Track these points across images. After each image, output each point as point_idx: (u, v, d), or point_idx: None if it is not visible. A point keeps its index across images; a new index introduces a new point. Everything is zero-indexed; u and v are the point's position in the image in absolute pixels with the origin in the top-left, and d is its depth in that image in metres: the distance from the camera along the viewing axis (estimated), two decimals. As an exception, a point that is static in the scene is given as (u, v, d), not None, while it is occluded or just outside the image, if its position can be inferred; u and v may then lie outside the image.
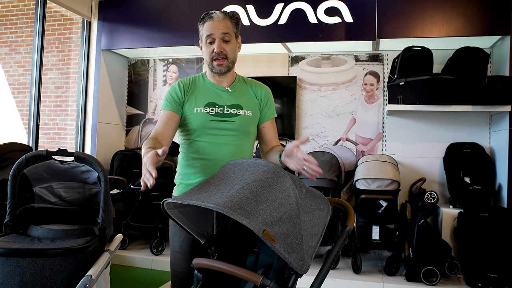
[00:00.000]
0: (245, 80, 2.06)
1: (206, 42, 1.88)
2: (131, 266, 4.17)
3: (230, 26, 1.89)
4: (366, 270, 3.84)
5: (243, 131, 1.94)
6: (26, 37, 6.50)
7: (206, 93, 1.94)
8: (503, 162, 3.82)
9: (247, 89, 2.02)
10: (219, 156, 1.88)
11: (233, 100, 1.95)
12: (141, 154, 1.66)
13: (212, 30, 1.86)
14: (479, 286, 3.40)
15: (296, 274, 1.40)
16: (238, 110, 1.93)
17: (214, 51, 1.86)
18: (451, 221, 3.77)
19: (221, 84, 1.97)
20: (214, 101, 1.92)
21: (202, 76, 2.02)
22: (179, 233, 1.92)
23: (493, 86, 3.68)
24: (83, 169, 2.29)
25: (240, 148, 1.93)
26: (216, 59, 1.88)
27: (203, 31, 1.89)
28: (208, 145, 1.90)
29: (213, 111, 1.90)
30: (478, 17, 3.85)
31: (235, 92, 1.98)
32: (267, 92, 2.05)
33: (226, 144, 1.90)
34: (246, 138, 1.96)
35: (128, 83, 5.42)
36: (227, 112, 1.91)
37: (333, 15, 4.16)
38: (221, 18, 1.87)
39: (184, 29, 4.57)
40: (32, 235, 2.12)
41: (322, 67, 4.71)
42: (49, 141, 6.33)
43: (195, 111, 1.90)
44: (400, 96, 3.93)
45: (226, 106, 1.92)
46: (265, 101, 2.03)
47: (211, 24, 1.86)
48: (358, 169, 4.01)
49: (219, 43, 1.86)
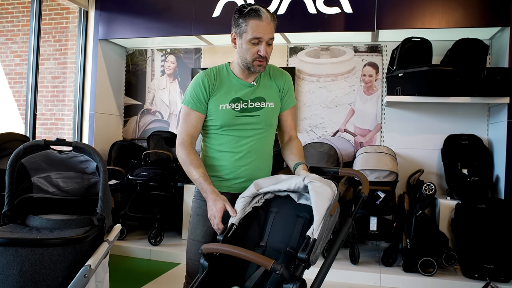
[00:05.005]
0: (269, 69, 2.03)
1: (249, 42, 1.82)
2: (129, 257, 4.18)
3: (274, 29, 1.87)
4: (363, 261, 3.86)
5: (267, 123, 1.96)
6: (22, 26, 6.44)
7: (230, 88, 1.93)
8: (501, 154, 3.82)
9: (271, 81, 2.01)
10: (246, 148, 1.92)
11: (257, 93, 1.95)
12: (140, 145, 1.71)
13: (262, 34, 1.81)
14: (476, 277, 3.43)
15: (306, 264, 1.46)
16: (261, 103, 1.94)
17: (258, 53, 1.83)
18: (449, 212, 3.79)
19: (247, 78, 1.96)
20: (239, 96, 1.92)
21: (227, 69, 1.98)
22: (203, 223, 1.93)
23: (492, 78, 3.67)
24: (82, 159, 2.27)
25: (264, 140, 1.97)
26: (258, 60, 1.85)
27: (249, 30, 1.81)
28: (234, 138, 1.92)
29: (238, 107, 1.91)
30: (478, 8, 3.83)
31: (259, 85, 1.97)
32: (287, 80, 2.04)
33: (252, 137, 1.93)
34: (270, 129, 2.00)
35: (125, 73, 5.39)
36: (251, 106, 1.92)
37: (332, 5, 4.13)
38: (269, 20, 1.82)
39: (182, 19, 4.53)
40: (30, 225, 2.11)
41: (321, 58, 4.69)
42: (46, 132, 6.31)
43: (220, 108, 1.90)
44: (399, 88, 3.92)
45: (250, 100, 1.93)
46: (286, 89, 2.03)
47: (260, 25, 1.80)
48: (357, 160, 4.02)
49: (265, 47, 1.83)
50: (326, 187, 1.59)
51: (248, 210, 1.74)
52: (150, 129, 5.19)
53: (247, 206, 1.74)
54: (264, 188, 1.74)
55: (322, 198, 1.55)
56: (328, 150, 4.21)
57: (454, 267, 3.67)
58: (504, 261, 3.41)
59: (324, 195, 1.56)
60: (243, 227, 1.72)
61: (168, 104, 5.21)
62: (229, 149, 1.92)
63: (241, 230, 1.71)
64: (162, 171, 4.42)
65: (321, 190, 1.58)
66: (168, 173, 4.46)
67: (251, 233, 1.75)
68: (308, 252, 1.45)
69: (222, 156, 1.94)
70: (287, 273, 1.36)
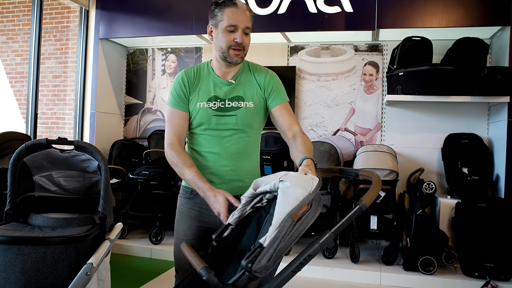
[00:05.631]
0: (250, 67, 1.98)
1: (225, 29, 1.80)
2: (130, 255, 4.19)
3: (250, 19, 1.85)
4: (364, 260, 3.87)
5: (245, 123, 1.88)
6: (23, 25, 6.46)
7: (209, 86, 1.90)
8: (501, 152, 3.83)
9: (251, 78, 1.94)
10: (223, 148, 1.86)
11: (235, 92, 1.89)
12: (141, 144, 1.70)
13: (237, 21, 1.79)
14: (476, 276, 3.43)
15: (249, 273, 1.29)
16: (239, 103, 1.88)
17: (235, 41, 1.80)
18: (449, 211, 3.79)
19: (226, 75, 1.91)
20: (216, 95, 1.88)
21: (207, 67, 1.95)
22: (184, 220, 1.91)
23: (492, 77, 3.68)
24: (83, 157, 2.29)
25: (244, 141, 1.89)
26: (234, 49, 1.81)
27: (225, 18, 1.79)
28: (212, 138, 1.87)
29: (215, 106, 1.86)
30: (478, 8, 3.83)
31: (239, 83, 1.91)
32: (270, 78, 1.96)
33: (230, 137, 1.86)
34: (249, 130, 1.90)
35: (126, 72, 5.40)
36: (228, 105, 1.86)
37: (332, 4, 4.14)
38: (244, 9, 1.82)
39: (183, 18, 4.54)
40: (32, 223, 2.12)
41: (321, 57, 4.70)
42: (47, 131, 6.32)
43: (198, 106, 1.87)
44: (400, 87, 3.93)
45: (227, 99, 1.87)
46: (270, 87, 1.93)
47: (236, 13, 1.79)
48: (357, 159, 4.02)
49: (241, 35, 1.80)
50: (296, 187, 1.38)
51: (249, 211, 1.64)
52: (151, 128, 5.20)
53: (247, 206, 1.63)
54: (259, 188, 1.61)
55: (285, 201, 1.36)
56: (328, 149, 4.21)
57: (454, 265, 3.67)
58: (504, 260, 3.42)
59: (290, 197, 1.36)
60: (240, 226, 1.66)
61: (168, 103, 5.21)
62: (206, 149, 1.88)
63: (238, 230, 1.66)
64: (163, 170, 4.43)
65: (289, 191, 1.38)
66: (169, 172, 4.47)
67: (249, 233, 1.69)
68: (252, 260, 1.28)
69: (199, 156, 1.89)
70: (213, 280, 1.28)
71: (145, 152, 4.65)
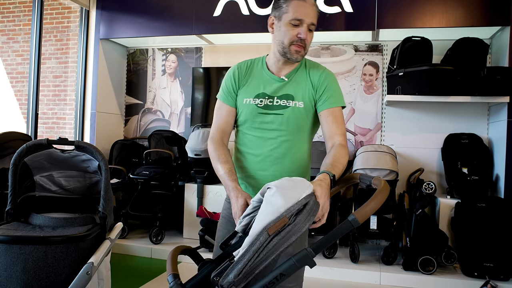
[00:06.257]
0: (307, 65, 1.82)
1: (289, 23, 1.67)
2: (130, 255, 4.20)
3: (317, 15, 1.71)
4: (363, 260, 3.87)
5: (292, 125, 1.73)
6: (24, 25, 6.47)
7: (259, 82, 1.79)
8: (500, 153, 3.84)
9: (305, 77, 1.78)
10: (266, 151, 1.73)
11: (286, 89, 1.76)
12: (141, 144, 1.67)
13: (304, 15, 1.66)
14: (475, 275, 3.44)
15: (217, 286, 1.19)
16: (288, 102, 1.74)
17: (298, 36, 1.67)
18: (449, 211, 3.80)
19: (280, 72, 1.79)
20: (265, 92, 1.76)
21: (262, 62, 1.85)
22: (225, 225, 1.80)
23: (492, 77, 3.68)
24: (84, 158, 2.30)
25: (289, 144, 1.74)
26: (296, 44, 1.68)
27: (290, 10, 1.67)
28: (255, 139, 1.76)
29: (262, 103, 1.75)
30: (478, 8, 3.84)
31: (292, 81, 1.77)
32: (325, 77, 1.77)
33: (274, 139, 1.73)
34: (297, 133, 1.76)
35: (127, 72, 5.41)
36: (276, 103, 1.74)
37: (333, 4, 4.14)
38: (312, 3, 1.69)
39: (183, 18, 4.55)
40: (33, 223, 2.13)
41: (321, 57, 4.70)
42: (48, 131, 6.33)
43: (244, 102, 1.77)
44: (399, 87, 3.94)
45: (276, 97, 1.75)
46: (322, 87, 1.75)
47: (303, 6, 1.67)
48: (357, 160, 4.03)
49: (306, 30, 1.67)
50: (278, 197, 1.21)
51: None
52: (151, 128, 5.21)
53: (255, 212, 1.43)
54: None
55: (266, 211, 1.22)
56: (328, 149, 4.22)
57: (454, 265, 3.68)
58: (504, 259, 3.42)
59: (270, 207, 1.21)
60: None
61: (169, 103, 5.22)
62: (249, 150, 1.77)
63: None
64: (163, 170, 4.44)
65: (271, 200, 1.23)
66: (169, 172, 4.48)
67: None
68: (219, 273, 1.20)
69: (242, 157, 1.79)
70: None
71: (145, 152, 4.66)
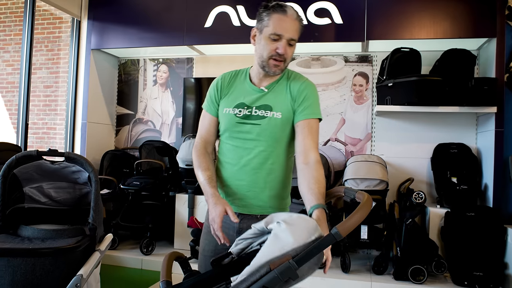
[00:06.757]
0: (289, 76, 1.82)
1: (269, 37, 1.67)
2: (121, 266, 4.17)
3: (298, 30, 1.72)
4: (354, 269, 3.88)
5: (269, 135, 1.72)
6: (14, 35, 6.45)
7: (240, 92, 1.80)
8: (489, 162, 3.88)
9: (285, 87, 1.78)
10: (242, 161, 1.73)
11: (264, 100, 1.75)
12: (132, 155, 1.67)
13: (284, 31, 1.66)
14: (465, 284, 3.46)
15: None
16: (266, 112, 1.73)
17: (276, 50, 1.68)
18: (438, 220, 3.83)
19: (261, 83, 1.79)
20: (244, 102, 1.76)
21: (245, 73, 1.86)
22: (206, 236, 1.79)
23: (480, 88, 3.73)
24: (74, 169, 2.29)
25: (266, 155, 1.72)
26: (275, 59, 1.69)
27: (271, 24, 1.67)
28: (233, 148, 1.76)
29: (241, 113, 1.74)
30: (465, 20, 3.91)
31: (271, 91, 1.77)
32: (304, 88, 1.76)
33: (251, 149, 1.73)
34: (274, 144, 1.74)
35: (118, 82, 5.41)
36: (254, 113, 1.73)
37: (323, 16, 4.19)
38: (294, 18, 1.69)
39: (174, 29, 4.57)
40: (22, 235, 2.12)
41: (312, 68, 4.75)
42: (38, 141, 6.29)
43: (224, 112, 1.78)
44: (389, 97, 3.97)
45: (255, 107, 1.74)
46: (301, 98, 1.74)
47: (284, 21, 1.66)
48: (347, 169, 4.05)
49: (284, 45, 1.67)
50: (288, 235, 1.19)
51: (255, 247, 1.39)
52: (142, 138, 5.20)
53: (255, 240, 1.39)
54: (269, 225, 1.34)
55: (272, 245, 1.20)
56: (319, 159, 4.23)
57: (444, 274, 3.70)
58: (493, 268, 3.45)
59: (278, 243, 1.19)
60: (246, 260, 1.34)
61: (160, 114, 5.23)
62: (228, 159, 1.77)
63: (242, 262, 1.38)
64: (154, 180, 4.43)
65: (280, 235, 1.21)
66: (160, 182, 4.47)
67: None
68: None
69: (221, 167, 1.80)
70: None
71: (136, 162, 4.64)
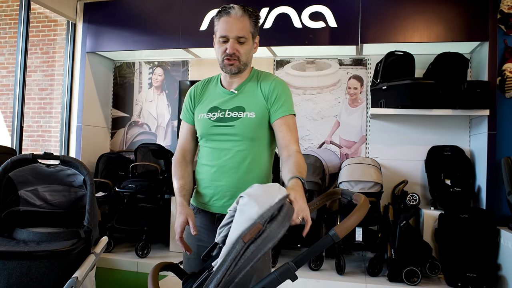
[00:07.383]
0: (258, 76, 1.86)
1: (219, 40, 1.74)
2: (116, 269, 4.17)
3: (248, 25, 1.73)
4: (349, 271, 3.89)
5: (245, 135, 1.75)
6: (9, 38, 6.44)
7: (213, 98, 1.85)
8: (482, 164, 3.91)
9: (256, 88, 1.82)
10: (220, 162, 1.76)
11: (236, 102, 1.80)
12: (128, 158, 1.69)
13: (228, 32, 1.71)
14: (459, 286, 3.48)
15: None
16: (239, 113, 1.77)
17: (226, 51, 1.73)
18: (432, 222, 3.85)
19: (230, 85, 1.84)
20: (217, 105, 1.81)
21: (217, 78, 1.90)
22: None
23: (473, 91, 3.77)
24: (69, 172, 2.30)
25: (244, 154, 1.76)
26: (227, 59, 1.74)
27: (219, 28, 1.74)
28: (212, 150, 1.79)
29: (215, 116, 1.79)
30: (458, 24, 3.94)
31: (242, 93, 1.82)
32: (275, 86, 1.80)
33: (228, 150, 1.76)
34: (252, 143, 1.77)
35: (113, 85, 5.41)
36: (228, 116, 1.77)
37: (317, 19, 4.22)
38: (239, 16, 1.71)
39: (170, 32, 4.58)
40: (17, 238, 2.12)
41: (306, 71, 4.77)
42: (33, 144, 6.27)
43: (199, 117, 1.83)
44: (383, 100, 4.00)
45: (228, 109, 1.79)
46: (273, 97, 1.78)
47: (227, 22, 1.71)
48: (342, 172, 4.07)
49: (232, 44, 1.71)
50: (252, 205, 1.20)
51: None
52: (138, 141, 5.21)
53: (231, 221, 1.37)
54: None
55: (240, 220, 1.21)
56: (314, 161, 4.26)
57: (438, 276, 3.73)
58: (486, 269, 3.48)
59: (244, 216, 1.20)
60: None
61: (155, 117, 5.23)
62: (207, 161, 1.80)
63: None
64: (149, 183, 4.43)
65: (244, 209, 1.22)
66: (155, 185, 4.47)
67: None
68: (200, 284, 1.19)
69: (201, 169, 1.83)
70: None
71: (131, 165, 4.65)
